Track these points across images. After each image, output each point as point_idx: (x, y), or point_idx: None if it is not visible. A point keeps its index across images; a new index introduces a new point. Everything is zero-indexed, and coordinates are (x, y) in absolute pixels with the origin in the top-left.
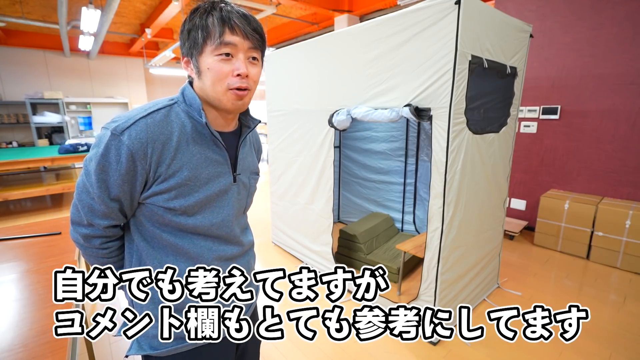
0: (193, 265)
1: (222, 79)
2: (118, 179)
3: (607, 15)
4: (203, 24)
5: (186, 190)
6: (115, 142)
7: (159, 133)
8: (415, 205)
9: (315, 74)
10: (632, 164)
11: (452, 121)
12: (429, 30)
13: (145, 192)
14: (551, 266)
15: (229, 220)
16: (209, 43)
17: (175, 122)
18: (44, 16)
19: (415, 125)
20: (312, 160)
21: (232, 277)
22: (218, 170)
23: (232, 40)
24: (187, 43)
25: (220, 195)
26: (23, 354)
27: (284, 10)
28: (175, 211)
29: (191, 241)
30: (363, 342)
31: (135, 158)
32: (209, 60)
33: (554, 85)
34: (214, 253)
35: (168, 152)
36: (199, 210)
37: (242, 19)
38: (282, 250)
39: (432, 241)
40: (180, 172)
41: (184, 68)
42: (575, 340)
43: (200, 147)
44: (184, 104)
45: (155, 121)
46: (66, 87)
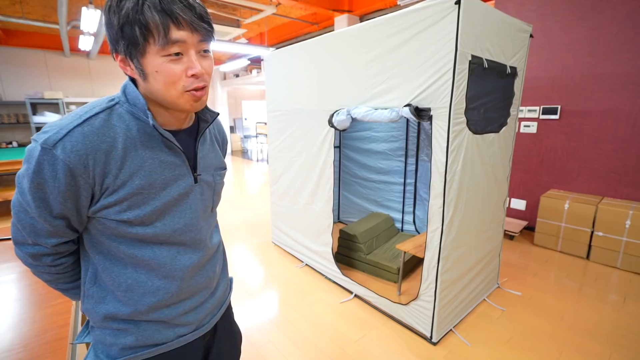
0: (155, 277)
1: (175, 82)
2: (58, 196)
3: (607, 16)
4: (140, 18)
5: (140, 199)
6: (48, 157)
7: (100, 142)
8: (415, 205)
9: (315, 74)
10: (632, 164)
11: (452, 121)
12: (429, 31)
13: (93, 207)
14: (551, 266)
15: (194, 223)
16: (152, 42)
17: (118, 126)
18: (44, 16)
19: (415, 125)
20: (312, 160)
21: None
22: (175, 173)
23: (181, 37)
24: (123, 41)
25: (180, 199)
26: (23, 354)
27: (284, 10)
28: (130, 223)
29: (152, 251)
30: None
31: (75, 173)
32: (156, 62)
33: (554, 85)
34: (178, 262)
35: (114, 161)
36: (158, 218)
37: (185, 7)
38: (282, 250)
39: (432, 241)
40: (130, 182)
41: (120, 67)
42: (575, 340)
43: (152, 151)
44: (127, 104)
45: (93, 129)
46: (66, 87)
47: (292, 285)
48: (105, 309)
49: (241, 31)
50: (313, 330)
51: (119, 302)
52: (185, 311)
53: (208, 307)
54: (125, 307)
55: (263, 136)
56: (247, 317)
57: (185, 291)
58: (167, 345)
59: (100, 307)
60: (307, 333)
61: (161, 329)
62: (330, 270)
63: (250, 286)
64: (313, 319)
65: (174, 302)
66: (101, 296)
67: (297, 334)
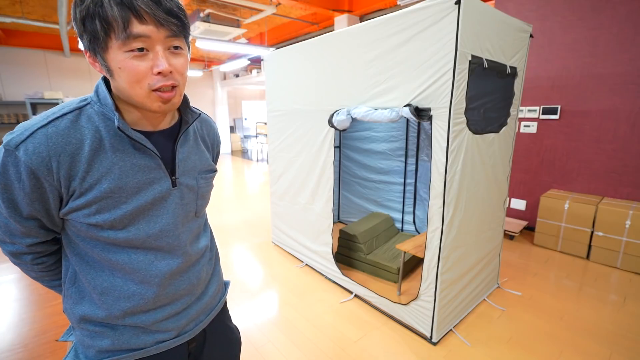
0: (131, 281)
1: (140, 80)
2: (25, 198)
3: (607, 16)
4: (99, 10)
5: (110, 203)
6: (12, 158)
7: (64, 144)
8: (415, 205)
9: (315, 74)
10: (632, 164)
11: (452, 121)
12: (429, 30)
13: (62, 209)
14: (551, 266)
15: (170, 229)
16: (113, 37)
17: (86, 127)
18: (44, 16)
19: (415, 125)
20: (312, 160)
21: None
22: (150, 176)
23: (143, 32)
24: (86, 35)
25: (156, 203)
26: (23, 354)
27: (284, 10)
28: (100, 226)
29: (127, 255)
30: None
31: (38, 175)
32: (119, 58)
33: (554, 85)
34: (154, 268)
35: (80, 164)
36: (131, 222)
37: (150, 1)
38: (282, 251)
39: (432, 241)
40: (98, 185)
41: (90, 63)
42: (575, 340)
43: (123, 154)
44: (98, 104)
45: (58, 130)
46: (66, 87)
47: (292, 285)
48: (82, 310)
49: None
50: (313, 330)
51: (95, 304)
52: (165, 317)
53: (192, 313)
54: (100, 310)
55: (263, 136)
56: (247, 317)
57: (163, 297)
58: (145, 351)
59: (77, 308)
60: (307, 333)
61: (139, 334)
62: (330, 270)
63: (250, 286)
64: (313, 319)
65: (151, 308)
66: (79, 297)
67: (297, 334)
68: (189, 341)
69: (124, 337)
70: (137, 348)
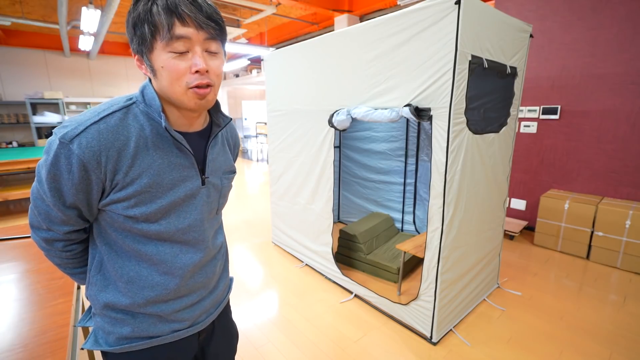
0: (156, 272)
1: (179, 78)
2: (72, 189)
3: (607, 15)
4: (147, 16)
5: (147, 197)
6: (65, 151)
7: (114, 140)
8: (415, 205)
9: (315, 74)
10: (632, 164)
11: (452, 121)
12: (429, 30)
13: (103, 200)
14: (551, 266)
15: (197, 224)
16: (158, 39)
17: (132, 125)
18: (44, 16)
19: (415, 125)
20: (312, 160)
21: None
22: (184, 174)
23: (184, 33)
24: (135, 39)
25: (186, 199)
26: (23, 354)
27: (284, 10)
28: (136, 219)
29: (155, 247)
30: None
31: (88, 168)
32: (162, 57)
33: (554, 85)
34: (178, 260)
35: (125, 159)
36: (163, 216)
37: (191, 5)
38: (282, 250)
39: (432, 241)
40: (139, 180)
41: (137, 66)
42: (575, 340)
43: (163, 152)
44: (143, 104)
45: (108, 127)
46: (66, 87)
47: (292, 285)
48: (106, 297)
49: (241, 31)
50: (313, 330)
51: (120, 292)
52: (182, 308)
53: (205, 305)
54: (125, 298)
55: (263, 136)
56: (247, 317)
57: (183, 289)
58: (162, 339)
59: (102, 295)
60: (307, 333)
61: (157, 322)
62: (330, 270)
63: (250, 286)
64: (313, 319)
65: (171, 299)
66: (104, 285)
67: (297, 334)
68: (200, 332)
69: (144, 325)
70: (154, 336)
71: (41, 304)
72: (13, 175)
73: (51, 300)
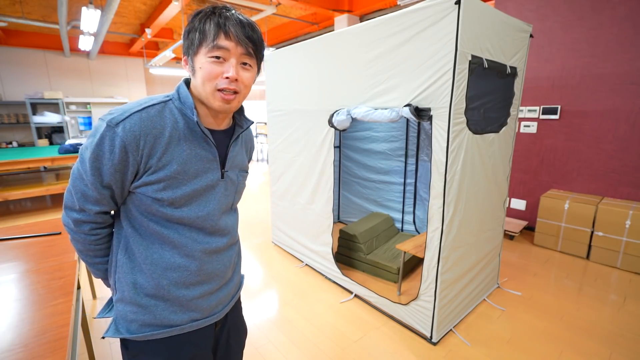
0: (178, 254)
1: (211, 79)
2: (110, 168)
3: (607, 15)
4: (201, 27)
5: (174, 183)
6: (110, 133)
7: (152, 127)
8: (415, 205)
9: (315, 74)
10: (632, 164)
11: (452, 121)
12: (429, 30)
13: (136, 182)
14: (551, 266)
15: (215, 214)
16: (204, 45)
17: (168, 118)
18: (44, 16)
19: (415, 125)
20: (312, 160)
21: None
22: (207, 166)
23: (225, 45)
24: (186, 43)
25: (207, 190)
26: (23, 354)
27: (284, 10)
28: (163, 202)
29: (177, 231)
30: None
31: (128, 149)
32: (202, 60)
33: (554, 85)
34: (198, 244)
35: (159, 145)
36: (186, 202)
37: (237, 26)
38: (282, 250)
39: (432, 241)
40: (169, 166)
41: (183, 67)
42: (575, 340)
43: (191, 144)
44: (178, 102)
45: (149, 116)
46: (66, 87)
47: (292, 285)
48: (133, 278)
49: None
50: (313, 330)
51: (144, 274)
52: (201, 295)
53: (220, 295)
54: (150, 280)
55: (263, 136)
56: (247, 317)
57: (203, 273)
58: (181, 328)
59: (129, 276)
60: (307, 333)
61: (177, 311)
62: (330, 270)
63: (250, 286)
64: (313, 319)
65: (192, 283)
66: (130, 267)
67: (297, 334)
68: (216, 323)
69: (164, 313)
70: (174, 325)
71: (41, 304)
72: (13, 175)
73: (51, 300)
